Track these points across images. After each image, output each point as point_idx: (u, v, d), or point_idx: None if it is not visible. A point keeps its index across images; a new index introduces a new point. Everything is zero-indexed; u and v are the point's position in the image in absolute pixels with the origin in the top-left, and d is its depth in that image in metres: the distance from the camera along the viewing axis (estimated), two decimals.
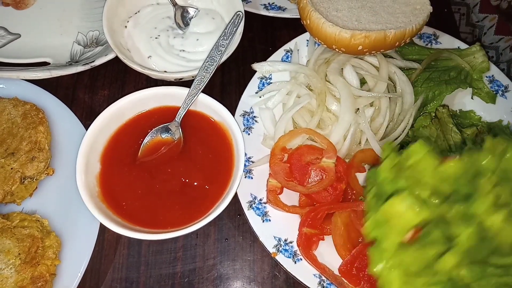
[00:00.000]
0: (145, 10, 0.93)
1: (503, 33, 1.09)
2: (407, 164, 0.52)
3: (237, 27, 0.84)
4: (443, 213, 0.48)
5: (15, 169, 0.78)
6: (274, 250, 0.74)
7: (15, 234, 0.73)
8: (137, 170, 0.77)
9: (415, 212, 0.48)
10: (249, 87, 0.88)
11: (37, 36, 0.97)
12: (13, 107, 0.83)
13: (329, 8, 0.80)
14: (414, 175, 0.51)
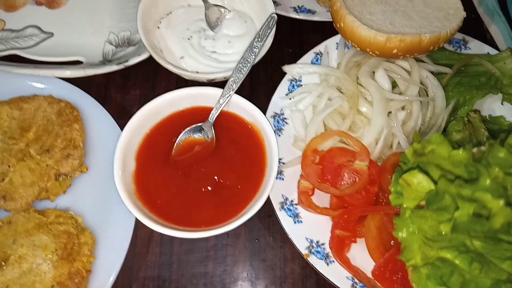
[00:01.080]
0: (177, 11, 0.95)
1: None
2: (426, 150, 0.59)
3: (271, 29, 0.85)
4: (450, 189, 0.53)
5: (50, 166, 0.80)
6: (306, 252, 0.75)
7: (51, 230, 0.74)
8: (171, 169, 0.78)
9: (425, 184, 0.55)
10: (279, 89, 0.89)
11: (69, 35, 0.98)
12: (48, 104, 0.85)
13: (362, 11, 0.81)
14: (430, 159, 0.58)
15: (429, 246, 0.49)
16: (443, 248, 0.49)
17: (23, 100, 0.84)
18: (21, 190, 0.77)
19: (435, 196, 0.52)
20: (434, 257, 0.49)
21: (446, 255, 0.48)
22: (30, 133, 0.82)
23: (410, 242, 0.51)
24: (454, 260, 0.48)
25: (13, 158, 0.79)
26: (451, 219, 0.50)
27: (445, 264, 0.48)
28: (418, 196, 0.56)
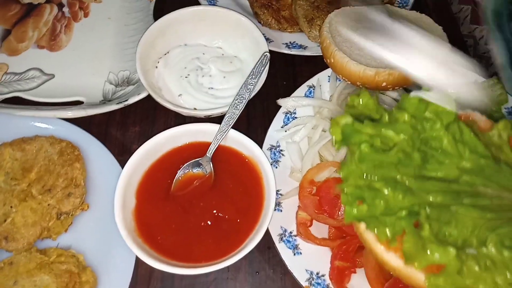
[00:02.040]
0: (174, 51, 0.99)
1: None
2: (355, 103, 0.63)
3: (265, 66, 0.89)
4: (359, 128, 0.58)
5: (52, 205, 0.81)
6: (306, 284, 0.75)
7: (53, 269, 0.75)
8: (170, 205, 0.79)
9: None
10: (275, 121, 0.91)
11: (70, 76, 1.02)
12: (49, 145, 0.87)
13: (351, 47, 0.84)
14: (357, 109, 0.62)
15: (363, 179, 0.54)
16: (373, 181, 0.54)
17: (25, 141, 0.87)
18: (23, 230, 0.78)
19: (349, 129, 0.57)
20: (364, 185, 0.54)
21: (375, 185, 0.53)
22: (32, 174, 0.83)
23: (348, 177, 0.55)
24: (381, 188, 0.53)
25: (15, 199, 0.80)
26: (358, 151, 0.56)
27: (370, 189, 0.53)
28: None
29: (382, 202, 0.53)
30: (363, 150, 0.55)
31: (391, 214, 0.53)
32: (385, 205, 0.53)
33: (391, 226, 0.52)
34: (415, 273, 0.53)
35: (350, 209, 0.53)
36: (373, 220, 0.53)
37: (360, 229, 0.59)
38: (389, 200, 0.53)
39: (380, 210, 0.53)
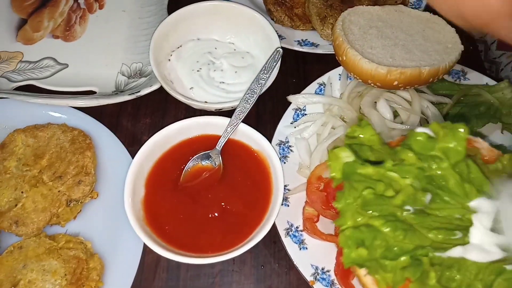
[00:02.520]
0: (187, 45, 0.99)
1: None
2: (356, 134, 0.61)
3: (277, 62, 0.89)
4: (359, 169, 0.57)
5: (62, 192, 0.82)
6: (311, 279, 0.75)
7: (61, 255, 0.76)
8: (179, 195, 0.80)
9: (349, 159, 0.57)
10: (284, 117, 0.92)
11: (83, 66, 1.03)
12: (62, 132, 0.88)
13: (363, 45, 0.85)
14: (357, 141, 0.61)
15: (362, 214, 0.52)
16: (372, 217, 0.51)
17: (38, 128, 0.88)
18: (33, 215, 0.79)
19: (351, 168, 0.55)
20: (362, 224, 0.51)
21: (374, 223, 0.50)
22: (43, 160, 0.85)
23: (346, 211, 0.53)
24: (380, 227, 0.50)
25: (26, 185, 0.81)
26: (359, 197, 0.53)
27: (369, 229, 0.50)
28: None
29: (382, 243, 0.50)
30: (367, 196, 0.53)
31: (392, 258, 0.50)
32: (385, 246, 0.50)
33: (393, 274, 0.49)
34: None
35: (349, 252, 0.51)
36: (373, 264, 0.50)
37: (358, 272, 0.56)
38: (389, 240, 0.50)
39: (380, 251, 0.50)
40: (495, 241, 0.49)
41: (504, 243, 0.50)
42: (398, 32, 0.88)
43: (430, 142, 0.56)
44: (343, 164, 0.54)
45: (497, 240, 0.49)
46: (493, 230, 0.51)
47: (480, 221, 0.51)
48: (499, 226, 0.51)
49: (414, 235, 0.50)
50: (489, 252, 0.49)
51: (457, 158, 0.56)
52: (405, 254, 0.49)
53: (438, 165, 0.55)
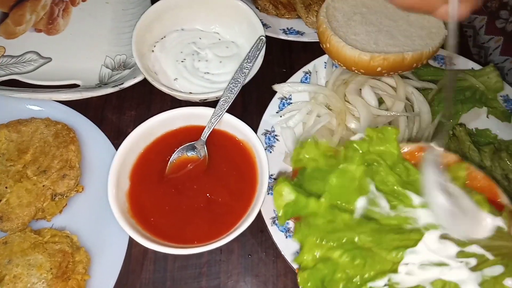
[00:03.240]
0: (171, 35, 0.98)
1: (508, 54, 1.13)
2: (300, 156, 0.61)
3: (260, 50, 0.88)
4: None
5: (46, 186, 0.82)
6: (298, 266, 0.75)
7: (46, 249, 0.75)
8: (164, 187, 0.79)
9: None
10: (270, 107, 0.91)
11: (67, 59, 1.02)
12: (45, 127, 0.87)
13: (347, 32, 0.84)
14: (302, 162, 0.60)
15: (320, 246, 0.51)
16: (330, 248, 0.50)
17: (21, 123, 0.87)
18: (17, 210, 0.79)
19: (292, 214, 0.55)
20: (321, 258, 0.50)
21: (332, 255, 0.49)
22: (27, 155, 0.84)
23: (304, 244, 0.52)
24: (338, 259, 0.49)
25: (11, 180, 0.81)
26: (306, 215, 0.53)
27: (328, 265, 0.49)
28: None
29: (343, 275, 0.49)
30: (316, 224, 0.52)
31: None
32: (346, 279, 0.49)
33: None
34: None
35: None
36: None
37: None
38: (349, 271, 0.49)
39: (342, 285, 0.49)
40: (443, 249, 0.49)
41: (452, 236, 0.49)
42: (383, 18, 0.87)
43: (364, 146, 0.56)
44: (284, 205, 0.54)
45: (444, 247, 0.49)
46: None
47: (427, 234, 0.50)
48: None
49: (374, 261, 0.49)
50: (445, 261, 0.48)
51: (393, 160, 0.56)
52: (366, 284, 0.48)
53: (378, 168, 0.55)
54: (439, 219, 0.51)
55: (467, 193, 0.53)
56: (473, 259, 0.48)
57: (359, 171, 0.54)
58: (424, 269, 0.48)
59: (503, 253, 0.49)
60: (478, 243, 0.49)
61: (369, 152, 0.57)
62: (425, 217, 0.52)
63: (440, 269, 0.48)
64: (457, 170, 0.56)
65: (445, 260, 0.48)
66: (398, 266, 0.49)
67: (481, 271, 0.47)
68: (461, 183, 0.55)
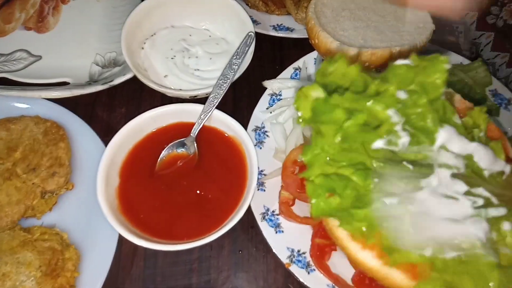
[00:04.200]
0: (161, 32, 0.98)
1: (499, 50, 1.14)
2: (328, 71, 0.57)
3: (249, 46, 0.89)
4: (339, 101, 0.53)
5: (36, 184, 0.81)
6: (287, 261, 0.76)
7: (36, 247, 0.75)
8: (154, 184, 0.79)
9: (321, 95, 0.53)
10: (260, 103, 0.92)
11: (57, 57, 1.02)
12: (34, 124, 0.87)
13: (336, 28, 0.84)
14: (332, 78, 0.56)
15: (330, 165, 0.49)
16: (342, 167, 0.49)
17: (10, 121, 0.87)
18: (7, 208, 0.78)
19: (323, 105, 0.51)
20: (332, 173, 0.49)
21: (344, 172, 0.48)
22: (17, 153, 0.84)
23: (313, 162, 0.50)
24: (350, 176, 0.48)
25: (0, 178, 0.81)
26: (340, 130, 0.50)
27: (340, 178, 0.48)
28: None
29: (353, 192, 0.48)
30: (349, 128, 0.49)
31: (363, 207, 0.48)
32: (355, 196, 0.48)
33: (366, 222, 0.47)
34: (392, 273, 0.50)
35: (318, 202, 0.48)
36: (344, 214, 0.48)
37: (330, 225, 0.54)
38: (359, 189, 0.48)
39: (351, 201, 0.48)
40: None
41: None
42: (371, 14, 0.87)
43: (409, 74, 0.53)
44: (313, 101, 0.50)
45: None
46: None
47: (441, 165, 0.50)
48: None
49: (384, 184, 0.48)
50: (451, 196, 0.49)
51: (436, 94, 0.54)
52: (375, 202, 0.48)
53: (415, 101, 0.52)
54: None
55: (486, 138, 0.53)
56: (480, 199, 0.49)
57: (384, 114, 0.51)
58: (435, 196, 0.49)
59: (505, 200, 0.50)
60: (484, 186, 0.50)
61: (411, 82, 0.53)
62: (443, 158, 0.51)
63: (448, 201, 0.48)
64: (478, 114, 0.56)
65: (455, 195, 0.49)
66: (408, 194, 0.49)
67: (486, 209, 0.48)
68: (484, 127, 0.55)
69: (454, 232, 0.48)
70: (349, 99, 0.51)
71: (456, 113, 0.55)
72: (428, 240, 0.48)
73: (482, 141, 0.52)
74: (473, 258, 0.47)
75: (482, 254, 0.47)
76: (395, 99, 0.53)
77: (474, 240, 0.47)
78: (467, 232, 0.47)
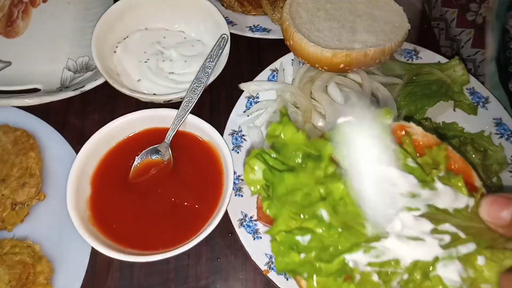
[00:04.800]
0: (134, 35, 0.96)
1: (479, 47, 1.14)
2: (276, 133, 0.56)
3: (223, 49, 0.87)
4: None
5: (6, 196, 0.79)
6: (265, 268, 0.75)
7: (5, 261, 0.73)
8: (127, 192, 0.77)
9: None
10: (237, 106, 0.90)
11: (27, 63, 0.98)
12: (3, 133, 0.84)
13: (311, 29, 0.83)
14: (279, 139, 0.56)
15: (295, 219, 0.49)
16: (306, 220, 0.49)
17: None
18: None
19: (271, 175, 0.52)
20: (295, 227, 0.49)
21: (308, 225, 0.48)
22: None
23: (278, 217, 0.50)
24: (314, 228, 0.48)
25: None
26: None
27: (303, 232, 0.48)
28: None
29: (317, 244, 0.48)
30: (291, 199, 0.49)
31: (327, 260, 0.47)
32: (320, 248, 0.48)
33: (327, 278, 0.47)
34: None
35: (281, 258, 0.48)
36: (307, 268, 0.48)
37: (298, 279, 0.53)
38: (324, 241, 0.48)
39: (315, 254, 0.48)
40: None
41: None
42: (346, 14, 0.86)
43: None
44: (256, 180, 0.52)
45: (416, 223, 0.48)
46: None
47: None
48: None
49: (349, 233, 0.49)
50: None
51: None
52: (340, 255, 0.47)
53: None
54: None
55: (447, 176, 0.52)
56: (447, 236, 0.48)
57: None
58: (401, 241, 0.48)
59: (473, 232, 0.49)
60: (450, 222, 0.49)
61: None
62: (402, 202, 0.50)
63: (416, 243, 0.48)
64: (437, 153, 0.54)
65: (421, 235, 0.48)
66: (373, 240, 0.48)
67: (455, 248, 0.47)
68: (443, 167, 0.53)
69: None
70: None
71: (409, 156, 0.54)
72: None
73: (442, 180, 0.51)
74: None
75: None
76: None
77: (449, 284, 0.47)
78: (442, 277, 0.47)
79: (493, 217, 0.47)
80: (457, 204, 0.50)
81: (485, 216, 0.48)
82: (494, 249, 0.47)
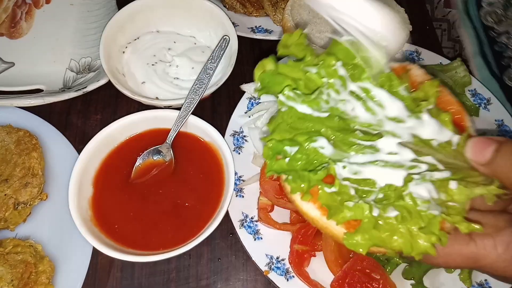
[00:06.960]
0: (144, 37, 0.96)
1: None
2: (289, 42, 0.58)
3: (224, 50, 0.87)
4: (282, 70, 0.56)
5: (8, 195, 0.79)
6: (266, 268, 0.75)
7: (8, 260, 0.73)
8: (129, 193, 0.78)
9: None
10: (238, 107, 0.90)
11: (30, 64, 0.99)
12: (6, 134, 0.85)
13: (312, 30, 0.83)
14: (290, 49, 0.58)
15: (289, 132, 0.52)
16: (298, 134, 0.52)
17: None
18: None
19: (272, 76, 0.55)
20: (288, 139, 0.52)
21: (298, 139, 0.51)
22: None
23: (275, 129, 0.53)
24: (303, 142, 0.51)
25: None
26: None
27: (292, 143, 0.51)
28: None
29: (303, 157, 0.51)
30: (286, 95, 0.53)
31: (311, 170, 0.51)
32: (306, 160, 0.51)
33: (307, 182, 0.51)
34: (332, 225, 0.51)
35: (271, 163, 0.52)
36: (293, 174, 0.52)
37: (282, 180, 0.56)
38: (310, 155, 0.51)
39: (302, 164, 0.51)
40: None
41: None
42: None
43: (353, 49, 0.54)
44: (261, 73, 0.55)
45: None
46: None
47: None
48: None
49: (334, 152, 0.51)
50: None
51: (378, 68, 0.54)
52: (323, 164, 0.50)
53: (359, 74, 0.54)
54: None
55: (436, 110, 0.53)
56: (424, 165, 0.49)
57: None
58: (379, 166, 0.50)
59: (453, 168, 0.50)
60: (433, 155, 0.50)
61: (354, 56, 0.54)
62: (389, 127, 0.52)
63: (392, 169, 0.49)
64: (429, 87, 0.55)
65: (401, 161, 0.49)
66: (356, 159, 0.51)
67: (431, 172, 0.49)
68: (432, 101, 0.54)
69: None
70: (291, 67, 0.54)
71: (402, 85, 0.55)
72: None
73: (431, 113, 0.52)
74: (414, 216, 0.48)
75: (424, 210, 0.47)
76: (335, 71, 0.54)
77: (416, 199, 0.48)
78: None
79: (476, 155, 0.48)
80: (440, 137, 0.51)
81: (469, 154, 0.49)
82: (468, 181, 0.48)
